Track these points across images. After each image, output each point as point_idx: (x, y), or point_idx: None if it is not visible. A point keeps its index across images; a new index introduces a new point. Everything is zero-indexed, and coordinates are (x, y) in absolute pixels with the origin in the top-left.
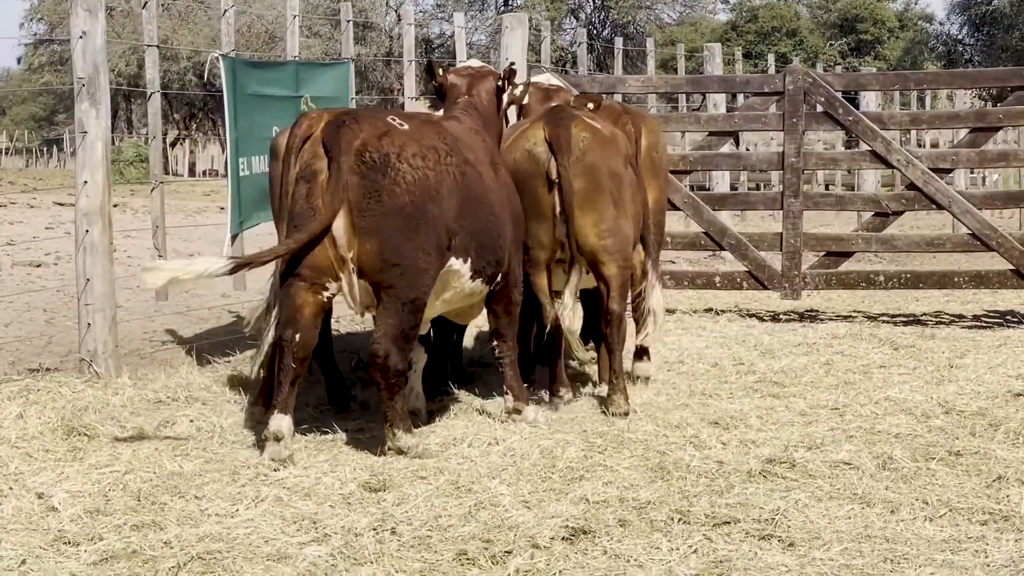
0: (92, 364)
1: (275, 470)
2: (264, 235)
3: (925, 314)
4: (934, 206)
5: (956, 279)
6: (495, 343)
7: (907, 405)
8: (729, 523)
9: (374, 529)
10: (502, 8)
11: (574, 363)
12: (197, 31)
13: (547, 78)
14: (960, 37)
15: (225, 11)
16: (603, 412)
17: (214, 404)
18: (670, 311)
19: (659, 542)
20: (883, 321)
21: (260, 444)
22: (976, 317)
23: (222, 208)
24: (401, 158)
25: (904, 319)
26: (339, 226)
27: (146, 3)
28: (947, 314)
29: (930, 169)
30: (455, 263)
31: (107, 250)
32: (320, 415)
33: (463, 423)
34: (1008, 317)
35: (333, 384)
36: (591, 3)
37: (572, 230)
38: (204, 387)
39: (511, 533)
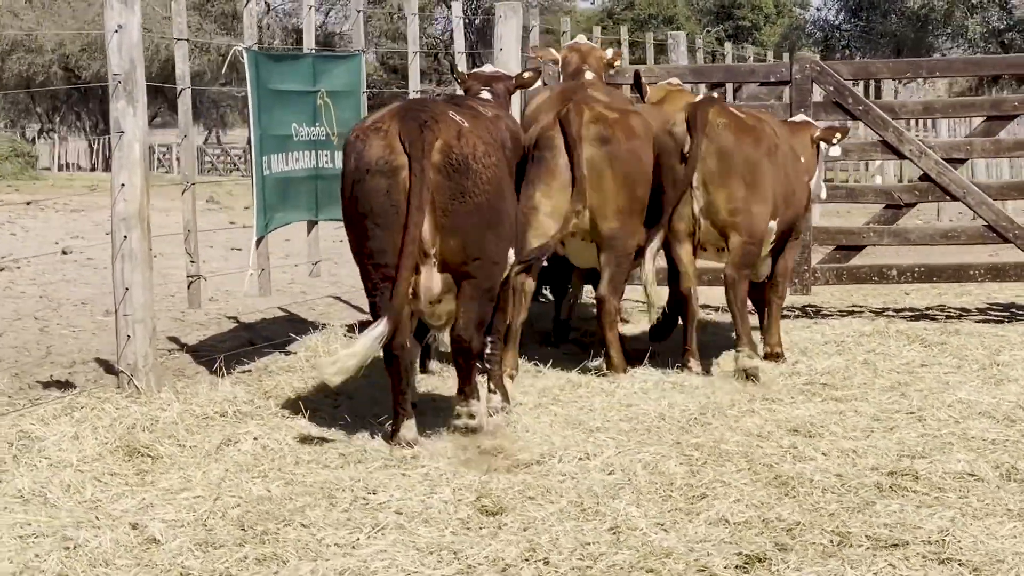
0: (133, 378)
1: (372, 492)
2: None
3: (930, 308)
4: (948, 197)
5: (972, 272)
6: (491, 338)
7: (983, 408)
8: (898, 546)
9: (526, 560)
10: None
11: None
12: (62, 23)
13: (490, 67)
14: (837, 23)
15: (248, 2)
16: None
17: (267, 420)
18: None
19: (840, 570)
20: (891, 316)
21: (348, 459)
22: (981, 311)
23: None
24: (476, 159)
25: (912, 314)
26: (425, 227)
27: None
28: (952, 308)
29: (944, 159)
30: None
31: (147, 257)
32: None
33: (540, 434)
34: (1015, 311)
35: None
36: None
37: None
38: (248, 401)
39: (672, 561)
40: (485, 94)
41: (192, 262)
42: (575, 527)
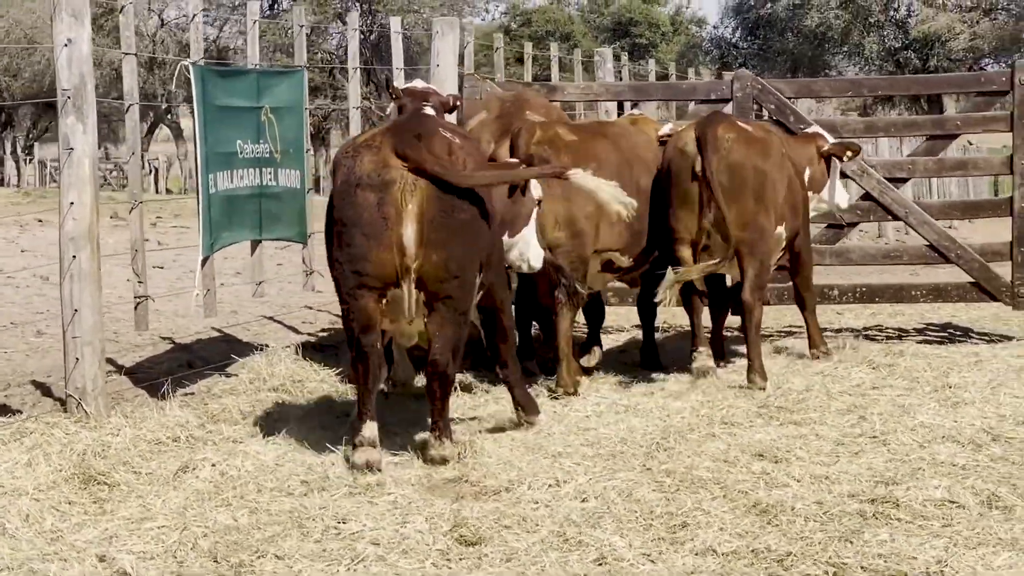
0: (81, 402)
1: (342, 522)
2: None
3: (867, 328)
4: (890, 216)
5: (914, 292)
6: (498, 369)
7: (945, 432)
8: None
9: None
10: (266, 12)
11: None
12: None
13: (420, 82)
14: (734, 41)
15: (194, 16)
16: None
17: (221, 445)
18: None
19: None
20: (830, 337)
21: (312, 486)
22: (919, 331)
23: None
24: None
25: (852, 334)
26: (409, 236)
27: (123, 7)
28: (889, 328)
29: (886, 178)
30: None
31: (96, 277)
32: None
33: (502, 460)
34: (952, 331)
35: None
36: (357, 7)
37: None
38: (200, 426)
39: None
40: (428, 110)
41: (140, 282)
42: (560, 558)
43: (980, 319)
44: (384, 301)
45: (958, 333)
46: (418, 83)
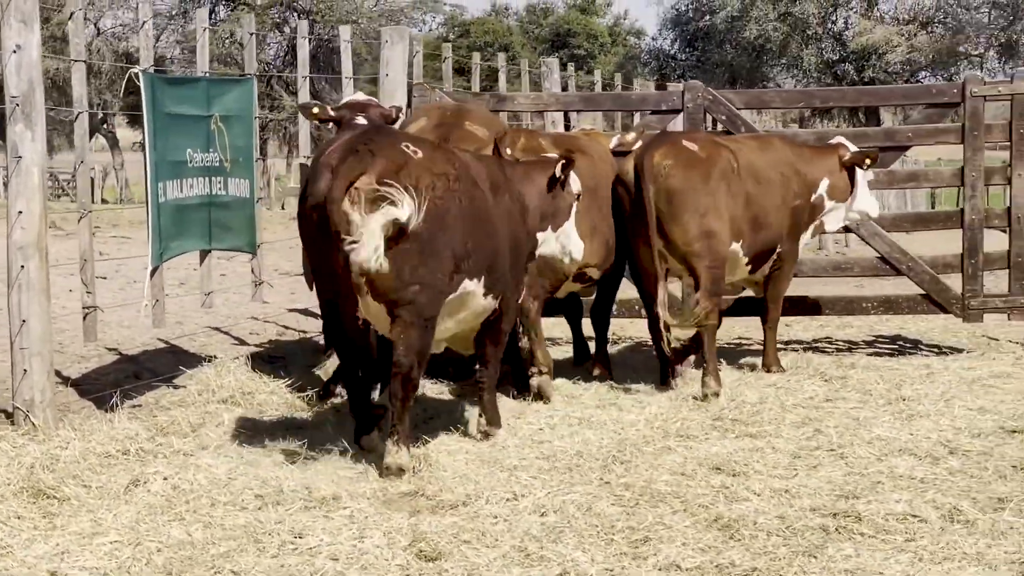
0: (29, 415)
1: (299, 536)
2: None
3: (817, 340)
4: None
5: (865, 305)
6: (478, 367)
7: (901, 445)
8: None
9: None
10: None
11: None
12: None
13: (361, 95)
14: (673, 53)
15: (144, 23)
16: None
17: (172, 458)
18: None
19: None
20: (780, 349)
21: (266, 500)
22: (868, 343)
23: None
24: (418, 190)
25: (800, 347)
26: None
27: (72, 15)
28: (838, 340)
29: None
30: (469, 284)
31: (45, 288)
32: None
33: (458, 473)
34: (901, 343)
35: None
36: (296, 16)
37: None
38: (150, 439)
39: None
40: (360, 120)
41: (88, 293)
42: (523, 574)
43: (929, 331)
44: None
45: (908, 345)
46: (359, 95)
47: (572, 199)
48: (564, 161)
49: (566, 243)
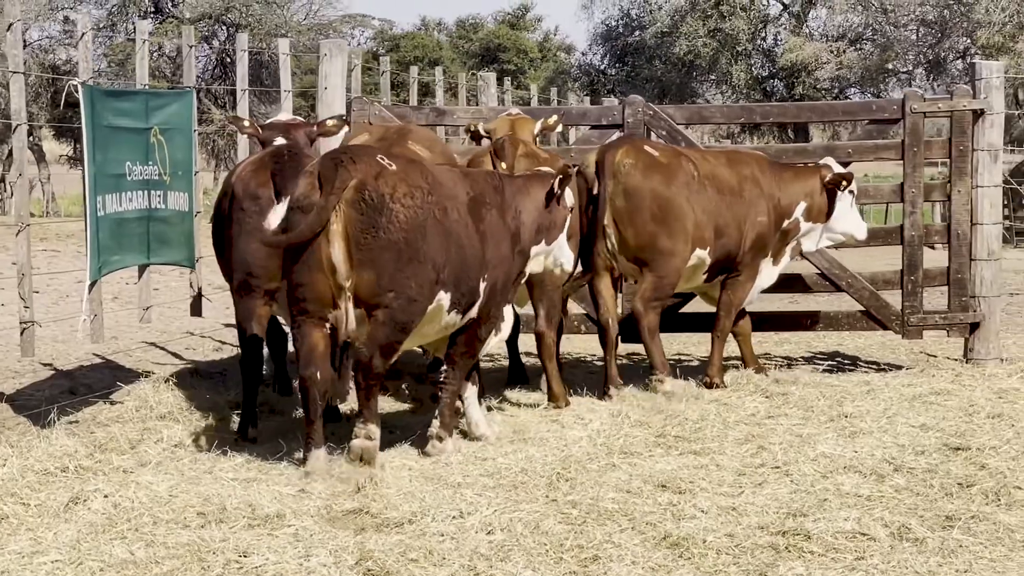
0: None
1: (244, 555)
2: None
3: (757, 356)
4: None
5: (805, 321)
6: (444, 368)
7: (847, 462)
8: None
9: None
10: (131, 34)
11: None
12: None
13: (286, 115)
14: (603, 68)
15: (83, 34)
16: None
17: (112, 476)
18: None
19: None
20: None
21: (209, 518)
22: (808, 360)
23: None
24: (394, 198)
25: (739, 362)
26: (339, 258)
27: (11, 25)
28: (777, 356)
29: None
30: (442, 296)
31: None
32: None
33: (402, 490)
34: (840, 359)
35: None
36: (224, 31)
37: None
38: (88, 455)
39: None
40: (279, 140)
41: (27, 307)
42: None
43: (867, 347)
44: (327, 327)
45: (846, 362)
46: (282, 116)
47: (567, 212)
48: (561, 176)
49: (559, 255)
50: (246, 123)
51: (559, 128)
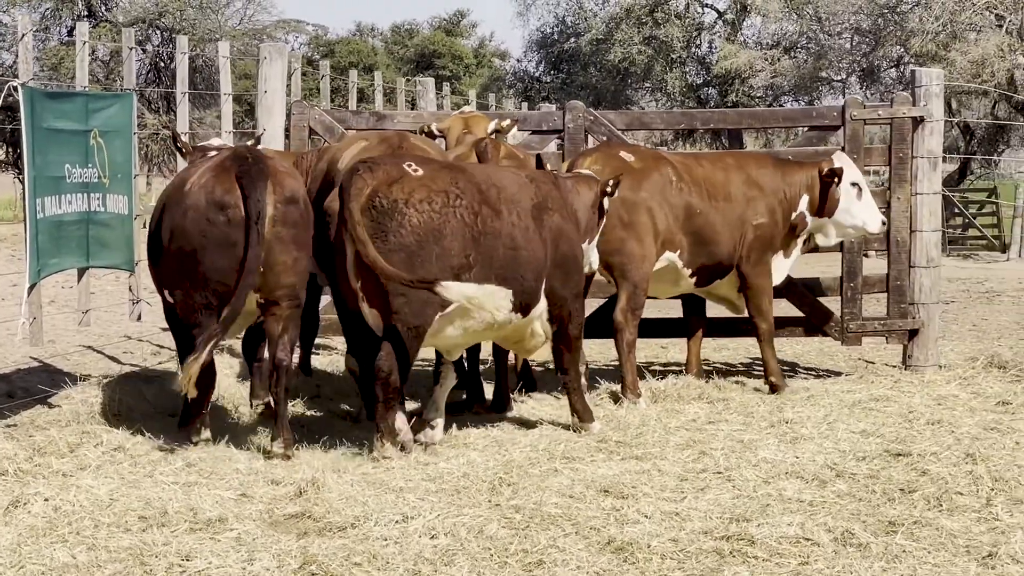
0: None
1: (186, 559)
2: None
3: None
4: None
5: (744, 327)
6: (559, 376)
7: (788, 468)
8: None
9: None
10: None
11: None
12: None
13: (217, 141)
14: (538, 75)
15: (23, 35)
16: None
17: (52, 479)
18: None
19: None
20: (657, 371)
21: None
22: (746, 366)
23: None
24: (409, 203)
25: (678, 368)
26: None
27: None
28: (715, 362)
29: None
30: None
31: None
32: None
33: (344, 495)
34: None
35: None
36: (159, 35)
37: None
38: (28, 459)
39: None
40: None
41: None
42: None
43: (805, 354)
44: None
45: (785, 368)
46: (215, 140)
47: (603, 214)
48: (614, 181)
49: (591, 255)
50: (184, 138)
51: (514, 131)
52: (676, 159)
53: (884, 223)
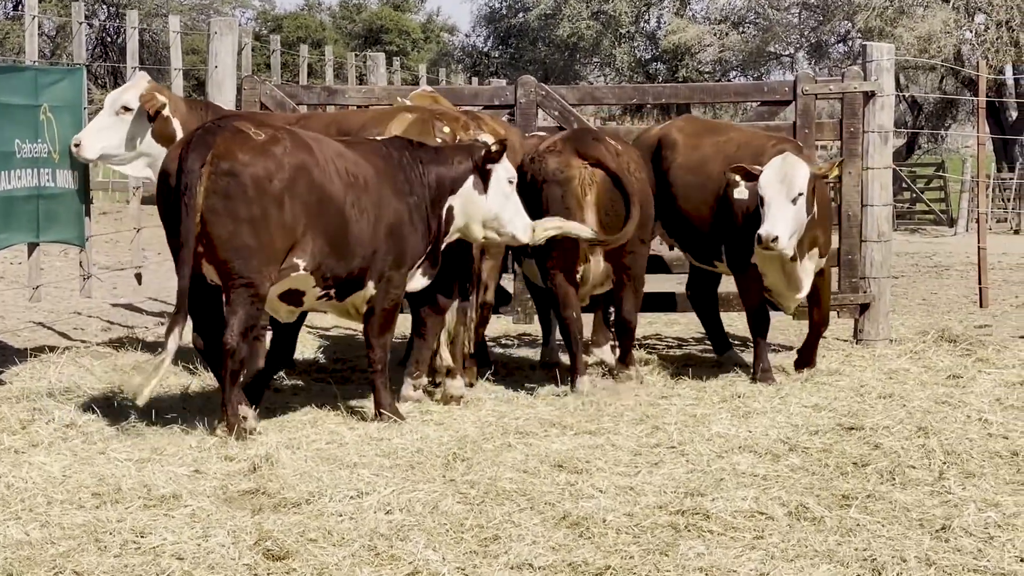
0: None
1: (141, 535)
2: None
3: (647, 337)
4: None
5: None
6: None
7: (741, 442)
8: None
9: None
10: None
11: None
12: None
13: None
14: (486, 50)
15: None
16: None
17: (2, 456)
18: None
19: None
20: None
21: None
22: (699, 340)
23: None
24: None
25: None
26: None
27: None
28: (668, 337)
29: None
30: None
31: None
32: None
33: (298, 471)
34: (731, 341)
35: None
36: (106, 10)
37: None
38: None
39: None
40: None
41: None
42: (373, 573)
43: None
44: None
45: (736, 343)
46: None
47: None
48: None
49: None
50: None
51: None
52: (671, 137)
53: None
